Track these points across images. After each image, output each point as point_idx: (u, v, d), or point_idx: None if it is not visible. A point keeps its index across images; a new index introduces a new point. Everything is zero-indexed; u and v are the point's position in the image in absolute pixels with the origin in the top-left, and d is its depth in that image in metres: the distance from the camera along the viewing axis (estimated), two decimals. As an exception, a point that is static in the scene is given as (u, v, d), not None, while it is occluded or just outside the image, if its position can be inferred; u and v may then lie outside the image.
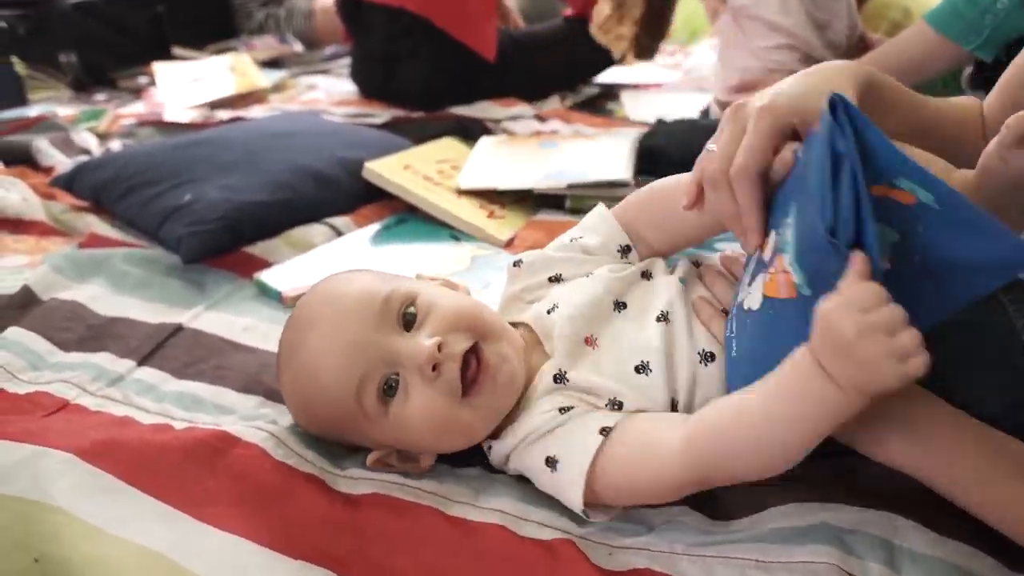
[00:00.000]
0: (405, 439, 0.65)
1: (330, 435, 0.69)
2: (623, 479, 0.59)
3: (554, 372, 0.64)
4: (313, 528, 0.61)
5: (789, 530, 0.59)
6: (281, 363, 0.69)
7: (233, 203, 1.11)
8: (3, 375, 0.80)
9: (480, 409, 0.64)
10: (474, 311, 0.66)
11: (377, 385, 0.63)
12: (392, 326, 0.64)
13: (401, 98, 1.97)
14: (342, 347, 0.63)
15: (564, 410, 0.62)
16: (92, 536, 0.58)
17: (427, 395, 0.62)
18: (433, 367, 0.61)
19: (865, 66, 0.70)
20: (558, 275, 0.72)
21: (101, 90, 2.32)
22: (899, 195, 0.51)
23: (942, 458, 0.56)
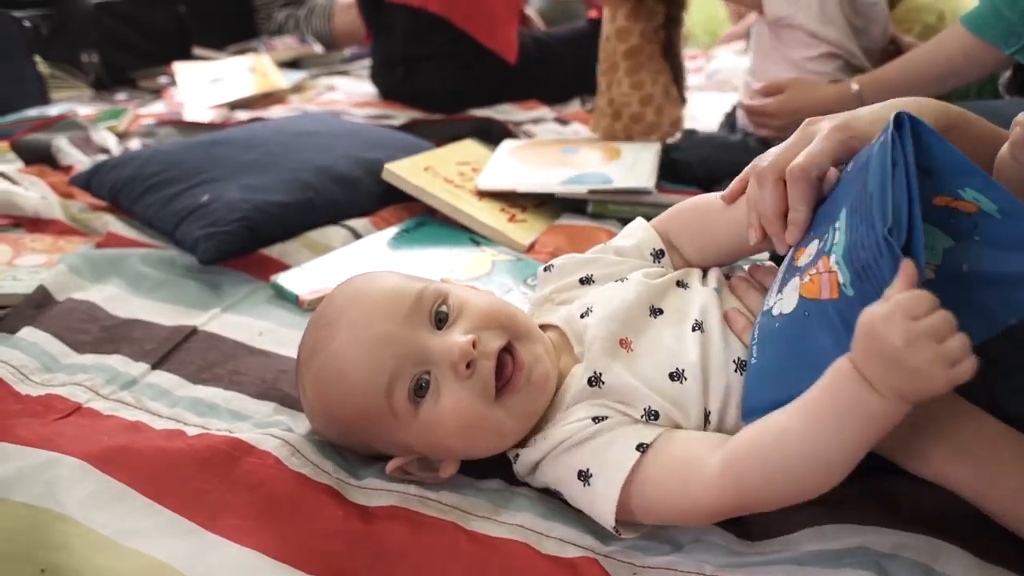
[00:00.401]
0: (433, 441, 0.62)
1: (350, 440, 0.67)
2: (657, 500, 0.57)
3: (588, 375, 0.62)
4: (329, 542, 0.59)
5: (825, 553, 0.56)
6: (302, 363, 0.67)
7: (252, 204, 1.09)
8: (17, 376, 0.79)
9: (513, 411, 0.62)
10: (507, 310, 0.65)
11: (408, 384, 0.61)
12: (424, 324, 0.63)
13: (421, 99, 1.96)
14: (372, 343, 0.61)
15: (598, 419, 0.60)
16: (103, 547, 0.57)
17: (460, 395, 0.60)
18: (467, 365, 0.59)
19: (948, 105, 0.69)
20: (589, 276, 0.72)
21: (122, 90, 2.33)
22: (962, 205, 0.50)
23: (990, 474, 0.54)
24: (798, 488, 0.53)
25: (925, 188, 0.50)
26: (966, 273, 0.51)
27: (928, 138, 0.51)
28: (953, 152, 0.50)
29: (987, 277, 0.51)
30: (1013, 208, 0.49)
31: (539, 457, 0.62)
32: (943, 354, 0.44)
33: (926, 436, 0.56)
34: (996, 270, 0.50)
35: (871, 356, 0.47)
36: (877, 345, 0.46)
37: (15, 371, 0.79)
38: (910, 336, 0.45)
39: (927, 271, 0.51)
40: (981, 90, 1.33)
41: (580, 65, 2.06)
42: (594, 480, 0.58)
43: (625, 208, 1.24)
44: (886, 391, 0.47)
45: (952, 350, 0.45)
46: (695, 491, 0.55)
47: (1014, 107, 1.22)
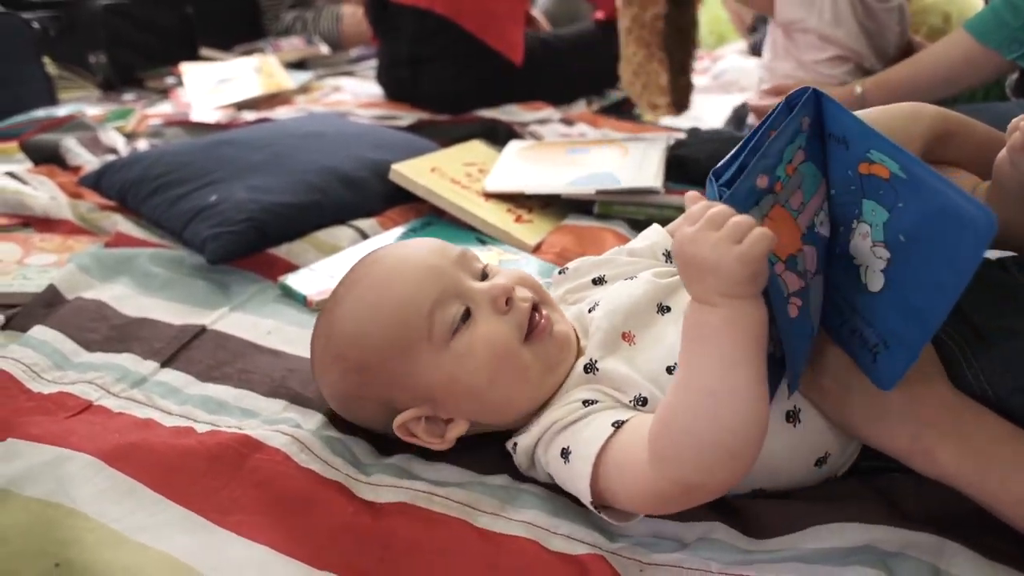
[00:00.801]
0: (458, 376, 0.63)
1: (365, 387, 0.66)
2: (616, 481, 0.56)
3: (585, 362, 0.64)
4: (339, 537, 0.60)
5: (831, 551, 0.57)
6: (334, 300, 0.68)
7: (260, 204, 1.10)
8: (28, 374, 0.79)
9: (538, 357, 0.64)
10: (534, 280, 0.69)
11: (452, 309, 0.63)
12: (467, 273, 0.67)
13: (427, 100, 1.96)
14: (423, 269, 0.65)
15: (588, 403, 0.61)
16: (115, 542, 0.57)
17: (496, 326, 0.63)
18: (506, 302, 0.63)
19: (947, 111, 0.69)
20: (601, 276, 0.74)
21: (129, 90, 2.34)
22: (878, 170, 0.51)
23: (995, 472, 0.54)
24: (712, 440, 0.50)
25: (846, 157, 0.53)
26: (905, 243, 0.50)
27: (833, 108, 0.53)
28: (856, 119, 0.52)
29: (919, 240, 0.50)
30: (910, 163, 0.49)
31: (533, 441, 0.62)
32: (721, 236, 0.48)
33: (932, 434, 0.56)
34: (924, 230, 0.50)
35: (683, 277, 0.52)
36: (679, 265, 0.51)
37: (27, 369, 0.80)
38: (686, 240, 0.49)
39: (879, 249, 0.52)
40: (987, 93, 1.33)
41: (586, 66, 2.07)
42: (572, 457, 0.58)
43: (631, 208, 1.24)
44: (713, 299, 0.49)
45: (731, 229, 0.48)
46: (639, 476, 0.54)
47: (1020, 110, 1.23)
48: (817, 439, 0.61)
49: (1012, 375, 0.58)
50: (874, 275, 0.54)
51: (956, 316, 0.61)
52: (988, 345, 0.59)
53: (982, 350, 0.59)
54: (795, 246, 0.54)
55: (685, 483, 0.52)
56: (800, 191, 0.55)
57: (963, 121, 0.71)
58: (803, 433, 0.61)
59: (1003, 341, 0.59)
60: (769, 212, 0.53)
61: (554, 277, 0.77)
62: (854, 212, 0.55)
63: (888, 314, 0.53)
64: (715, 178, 0.56)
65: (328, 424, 0.72)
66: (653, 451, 0.53)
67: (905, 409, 0.57)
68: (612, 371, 0.62)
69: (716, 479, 0.52)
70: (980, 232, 0.45)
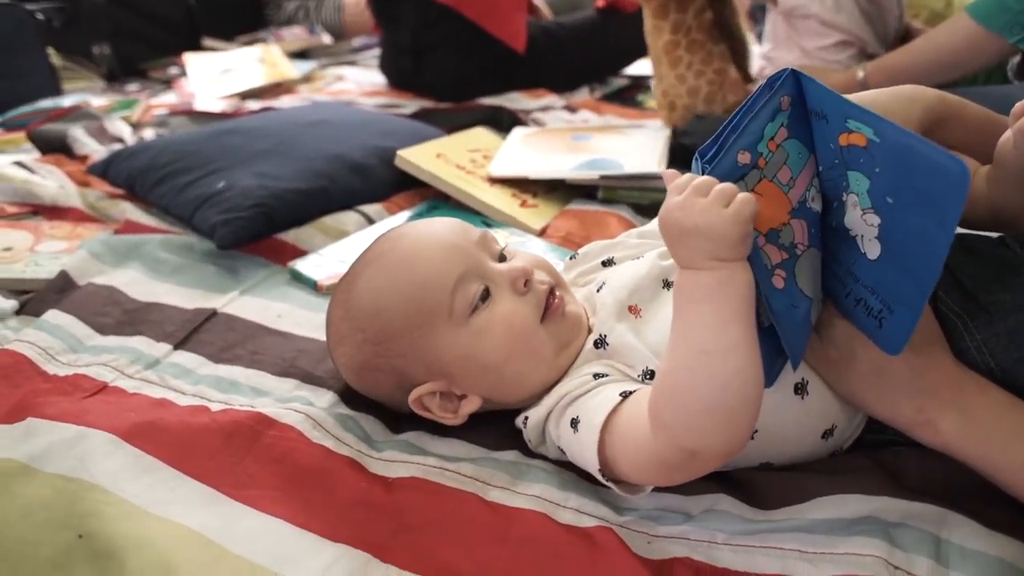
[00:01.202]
0: (474, 353, 0.64)
1: (381, 357, 0.67)
2: (621, 452, 0.57)
3: (595, 338, 0.66)
4: (352, 511, 0.61)
5: (834, 521, 0.58)
6: (353, 272, 0.69)
7: (268, 190, 1.11)
8: (44, 357, 0.81)
9: (552, 336, 0.65)
10: (550, 264, 0.71)
11: (473, 288, 0.65)
12: (488, 254, 0.69)
13: (430, 89, 1.97)
14: (449, 247, 0.66)
15: (598, 376, 0.62)
16: (135, 515, 0.59)
17: (514, 305, 0.65)
18: (525, 283, 0.65)
19: (945, 94, 0.69)
20: (610, 259, 0.75)
21: (133, 80, 2.35)
22: (856, 139, 0.52)
23: (998, 442, 0.55)
24: (708, 399, 0.50)
25: (827, 131, 0.55)
26: (893, 205, 0.51)
27: (811, 86, 0.55)
28: (831, 93, 0.54)
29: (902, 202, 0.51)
30: (882, 125, 0.50)
31: (545, 413, 0.63)
32: (710, 201, 0.50)
33: (934, 405, 0.57)
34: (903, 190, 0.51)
35: (670, 244, 0.53)
36: (666, 233, 0.53)
37: (42, 352, 0.81)
38: (674, 207, 0.51)
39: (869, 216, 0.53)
40: (989, 76, 1.34)
41: (588, 54, 2.08)
42: (580, 426, 0.59)
43: (635, 193, 1.25)
44: (703, 263, 0.51)
45: (718, 194, 0.50)
46: (642, 444, 0.55)
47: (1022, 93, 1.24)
48: (824, 411, 0.62)
49: (1016, 346, 0.59)
50: (870, 243, 0.55)
51: (959, 291, 0.62)
52: (991, 318, 0.60)
53: (985, 323, 0.61)
54: (779, 220, 0.55)
55: (686, 448, 0.52)
56: (787, 167, 0.56)
57: (962, 104, 0.71)
58: (810, 405, 0.62)
59: (1007, 314, 0.60)
60: (755, 187, 0.54)
61: (566, 262, 0.79)
62: (842, 185, 0.56)
63: (888, 277, 0.54)
64: (700, 156, 0.57)
65: (339, 402, 0.73)
66: (653, 417, 0.53)
67: (909, 380, 0.58)
68: (620, 343, 0.64)
69: (715, 442, 0.52)
70: (953, 180, 0.46)
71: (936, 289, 0.61)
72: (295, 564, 0.56)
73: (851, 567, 0.54)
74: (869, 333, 0.57)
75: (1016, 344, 0.59)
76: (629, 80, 2.19)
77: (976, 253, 0.64)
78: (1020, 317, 0.59)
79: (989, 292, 0.62)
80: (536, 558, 0.57)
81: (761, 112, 0.54)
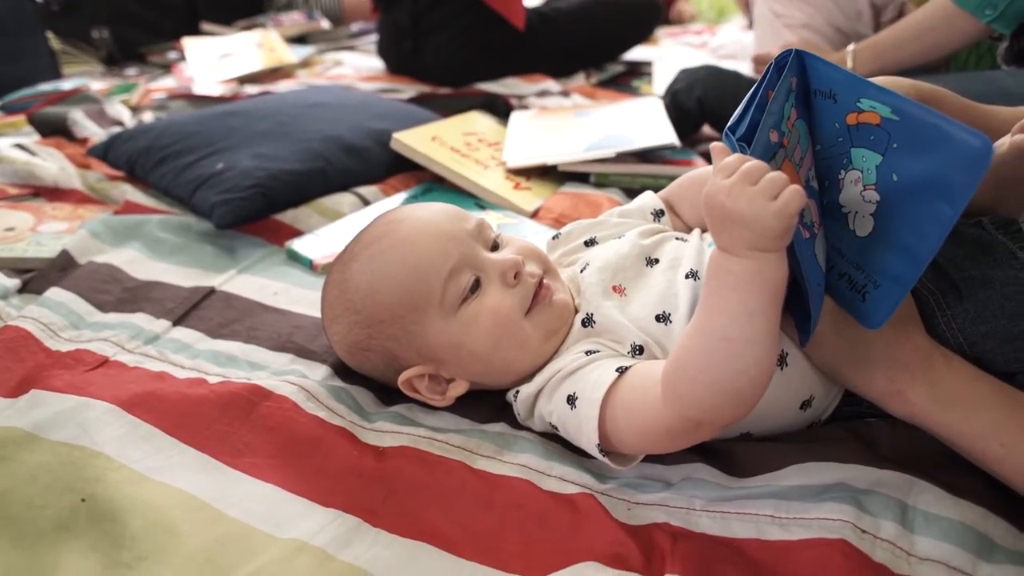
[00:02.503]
0: (462, 341, 0.67)
1: (374, 339, 0.69)
2: (624, 422, 0.59)
3: (582, 317, 0.67)
4: (344, 478, 0.63)
5: (806, 488, 0.60)
6: (349, 254, 0.71)
7: (266, 171, 1.13)
8: (46, 333, 0.83)
9: (538, 327, 0.67)
10: (542, 252, 0.73)
11: (465, 278, 0.66)
12: (482, 243, 0.70)
13: (428, 72, 1.98)
14: (444, 236, 0.68)
15: (590, 353, 0.64)
16: (136, 481, 0.61)
17: (503, 297, 0.67)
18: (515, 276, 0.67)
19: (920, 84, 0.71)
20: (593, 238, 0.77)
21: (132, 65, 2.36)
22: (868, 117, 0.54)
23: (961, 411, 0.58)
24: (724, 382, 0.53)
25: (833, 110, 0.56)
26: (898, 182, 0.53)
27: (819, 65, 0.56)
28: (844, 72, 0.55)
29: (914, 179, 0.53)
30: (904, 104, 0.51)
31: (536, 389, 0.65)
32: (759, 191, 0.49)
33: (904, 377, 0.60)
34: (919, 168, 0.52)
35: (714, 226, 0.52)
36: (710, 214, 0.52)
37: (45, 328, 0.84)
38: (720, 191, 0.50)
39: (869, 193, 0.54)
40: (979, 60, 1.35)
41: (585, 39, 2.09)
42: (578, 402, 0.61)
43: (626, 178, 1.27)
44: (741, 251, 0.51)
45: (767, 185, 0.49)
46: (649, 414, 0.57)
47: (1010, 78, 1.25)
48: (802, 383, 0.65)
49: (982, 320, 0.62)
50: (863, 220, 0.57)
51: (933, 270, 0.65)
52: (962, 295, 0.63)
53: (956, 300, 0.63)
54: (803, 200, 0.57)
55: (695, 419, 0.55)
56: (799, 146, 0.58)
57: (936, 93, 0.73)
58: (789, 376, 0.64)
59: (977, 290, 0.62)
60: (781, 166, 0.55)
61: (548, 243, 0.80)
62: (841, 163, 0.57)
63: (878, 255, 0.56)
64: (731, 132, 0.58)
65: (333, 375, 0.75)
66: (668, 389, 0.55)
67: (883, 353, 0.60)
68: (607, 320, 0.66)
69: (722, 417, 0.55)
70: (979, 157, 0.48)
71: None
72: (288, 527, 0.58)
73: (821, 531, 0.56)
74: (850, 307, 0.59)
75: (983, 318, 0.61)
76: (626, 66, 2.21)
77: (952, 234, 0.66)
78: (988, 293, 0.62)
79: (960, 269, 0.64)
80: (520, 523, 0.60)
81: (779, 91, 0.54)
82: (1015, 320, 0.61)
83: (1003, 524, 0.56)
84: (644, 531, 0.59)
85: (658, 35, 2.65)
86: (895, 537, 0.56)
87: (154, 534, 0.56)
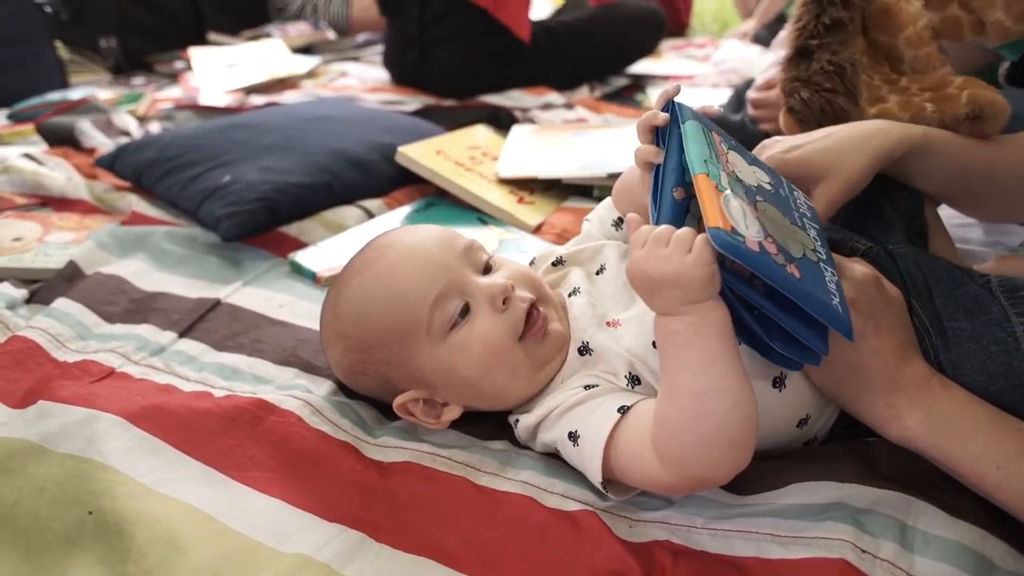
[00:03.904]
0: (452, 367, 0.67)
1: (367, 364, 0.70)
2: (627, 464, 0.59)
3: (577, 345, 0.68)
4: (348, 493, 0.64)
5: (806, 507, 0.60)
6: (342, 280, 0.72)
7: (272, 184, 1.14)
8: (53, 343, 0.84)
9: (531, 356, 0.67)
10: (535, 275, 0.73)
11: (452, 305, 0.66)
12: (471, 267, 0.70)
13: (433, 83, 2.00)
14: (430, 263, 0.68)
15: (589, 387, 0.64)
16: (142, 494, 0.62)
17: (493, 323, 0.66)
18: (504, 301, 0.66)
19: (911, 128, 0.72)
20: (560, 257, 0.78)
21: (138, 74, 2.38)
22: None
23: (958, 436, 0.58)
24: (710, 434, 0.54)
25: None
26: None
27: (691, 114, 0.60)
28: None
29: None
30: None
31: (536, 422, 0.66)
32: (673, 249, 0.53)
33: (902, 401, 0.60)
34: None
35: (648, 294, 0.55)
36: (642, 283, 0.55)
37: (52, 338, 0.84)
38: (640, 260, 0.54)
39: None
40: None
41: (589, 52, 2.10)
42: (581, 441, 0.62)
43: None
44: (678, 309, 0.54)
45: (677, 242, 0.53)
46: (652, 474, 0.58)
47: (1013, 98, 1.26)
48: (798, 402, 0.66)
49: (962, 372, 0.63)
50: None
51: (932, 311, 0.66)
52: (949, 344, 0.64)
53: (943, 347, 0.65)
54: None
55: (696, 477, 0.56)
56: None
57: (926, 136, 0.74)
58: (786, 397, 0.65)
59: (963, 342, 0.64)
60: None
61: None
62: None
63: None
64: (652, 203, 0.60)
65: (337, 391, 0.76)
66: (663, 456, 0.56)
67: (883, 378, 0.61)
68: (603, 348, 0.66)
69: (724, 469, 0.56)
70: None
71: (915, 302, 0.66)
72: (293, 541, 0.59)
73: (821, 550, 0.56)
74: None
75: (962, 371, 0.63)
76: (630, 79, 2.22)
77: (961, 286, 0.67)
78: (972, 347, 0.63)
79: (954, 320, 0.65)
80: (522, 538, 0.60)
81: (670, 150, 0.58)
82: (993, 379, 0.62)
83: (1002, 546, 0.57)
84: (645, 548, 0.60)
85: (662, 48, 2.66)
86: (895, 557, 0.56)
87: (160, 548, 0.57)
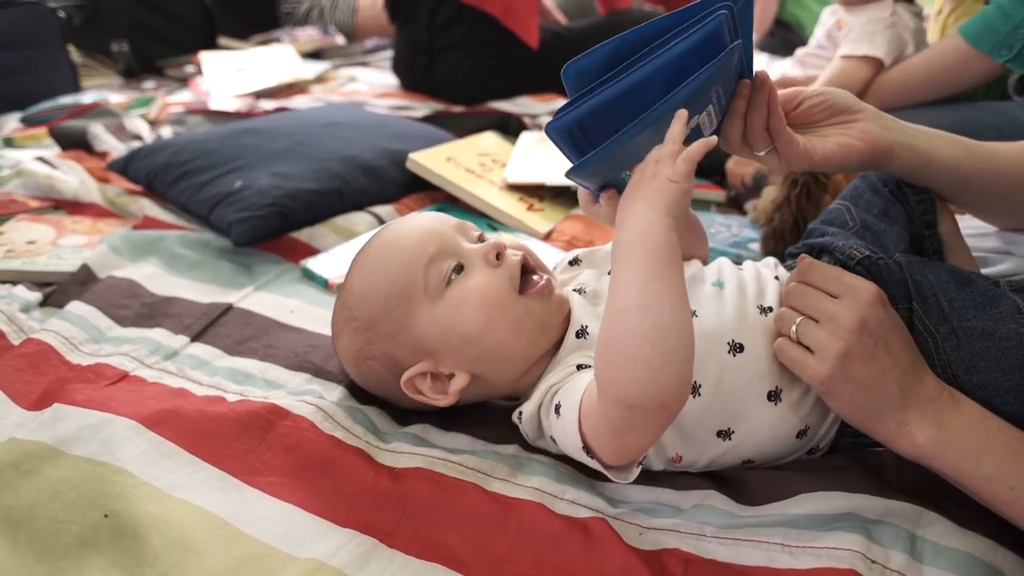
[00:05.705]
0: (454, 324, 0.67)
1: (372, 343, 0.71)
2: (584, 421, 0.59)
3: (576, 329, 0.69)
4: (360, 498, 0.64)
5: (816, 516, 0.61)
6: (351, 267, 0.74)
7: (284, 190, 1.15)
8: (68, 346, 0.84)
9: (533, 313, 0.68)
10: (528, 247, 0.74)
11: (446, 264, 0.68)
12: (464, 237, 0.72)
13: (441, 90, 2.00)
14: (424, 230, 0.71)
15: (582, 367, 0.65)
16: (157, 498, 0.62)
17: (487, 276, 0.68)
18: (497, 256, 0.68)
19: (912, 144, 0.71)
20: (576, 257, 0.80)
21: (149, 78, 2.39)
22: None
23: (970, 453, 0.58)
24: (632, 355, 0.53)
25: None
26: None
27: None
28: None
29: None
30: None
31: (536, 406, 0.66)
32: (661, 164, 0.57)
33: (913, 417, 0.60)
34: None
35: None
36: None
37: (66, 341, 0.85)
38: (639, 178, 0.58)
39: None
40: (989, 91, 1.37)
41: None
42: (563, 410, 0.62)
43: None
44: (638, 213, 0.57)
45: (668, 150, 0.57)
46: (591, 411, 0.58)
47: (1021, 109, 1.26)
48: (796, 415, 0.66)
49: (977, 370, 0.63)
50: None
51: (938, 313, 0.66)
52: (959, 343, 0.64)
53: (953, 347, 0.64)
54: None
55: (621, 402, 0.54)
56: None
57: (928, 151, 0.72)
58: (783, 410, 0.66)
59: (975, 340, 0.63)
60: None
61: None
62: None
63: None
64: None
65: (349, 396, 0.76)
66: (596, 379, 0.57)
67: (895, 396, 0.61)
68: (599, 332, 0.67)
69: (646, 394, 0.53)
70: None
71: (918, 308, 0.66)
72: (306, 547, 0.59)
73: (831, 560, 0.57)
74: None
75: (977, 369, 0.63)
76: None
77: (968, 285, 0.67)
78: (986, 344, 0.63)
79: (963, 318, 0.65)
80: (533, 545, 0.61)
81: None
82: (1009, 374, 0.62)
83: (1012, 557, 0.57)
84: (655, 556, 0.60)
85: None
86: (904, 568, 0.56)
87: (175, 552, 0.57)
